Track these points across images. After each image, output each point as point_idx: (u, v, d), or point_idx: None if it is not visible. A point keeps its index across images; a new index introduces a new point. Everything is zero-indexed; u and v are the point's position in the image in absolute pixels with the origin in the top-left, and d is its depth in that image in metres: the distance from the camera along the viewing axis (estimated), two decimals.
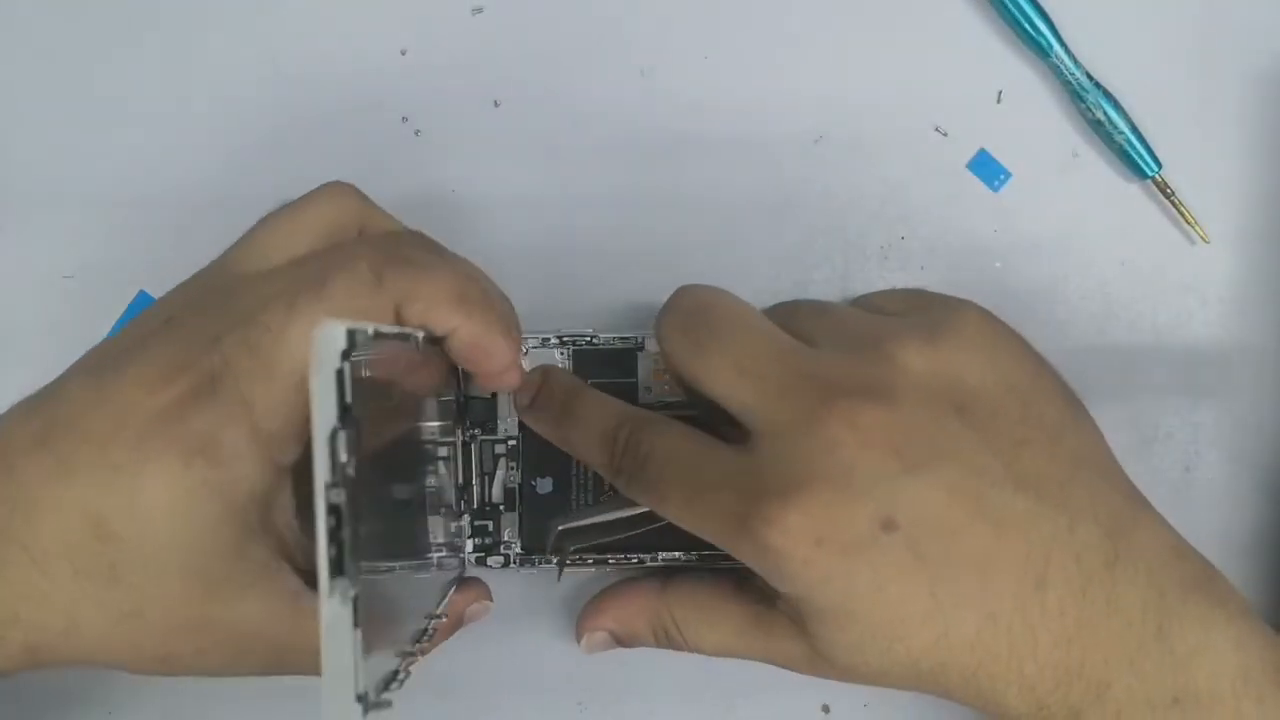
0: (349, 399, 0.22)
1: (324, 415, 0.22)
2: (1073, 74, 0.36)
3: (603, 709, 0.38)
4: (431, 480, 0.33)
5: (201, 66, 0.38)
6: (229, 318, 0.28)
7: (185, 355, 0.28)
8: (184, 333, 0.29)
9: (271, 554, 0.29)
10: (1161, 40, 0.38)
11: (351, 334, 0.23)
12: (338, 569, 0.22)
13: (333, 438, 0.22)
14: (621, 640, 0.35)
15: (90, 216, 0.38)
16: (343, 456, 0.22)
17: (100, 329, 0.31)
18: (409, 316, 0.29)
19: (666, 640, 0.34)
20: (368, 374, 0.24)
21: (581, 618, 0.36)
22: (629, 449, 0.30)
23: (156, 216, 0.37)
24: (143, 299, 0.37)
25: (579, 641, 0.35)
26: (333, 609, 0.22)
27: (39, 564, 0.27)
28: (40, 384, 0.30)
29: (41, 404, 0.29)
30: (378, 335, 0.25)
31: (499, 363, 0.31)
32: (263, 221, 0.32)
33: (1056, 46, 0.36)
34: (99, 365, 0.29)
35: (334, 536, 0.22)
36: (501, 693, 0.37)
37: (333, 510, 0.22)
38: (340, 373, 0.22)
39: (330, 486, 0.22)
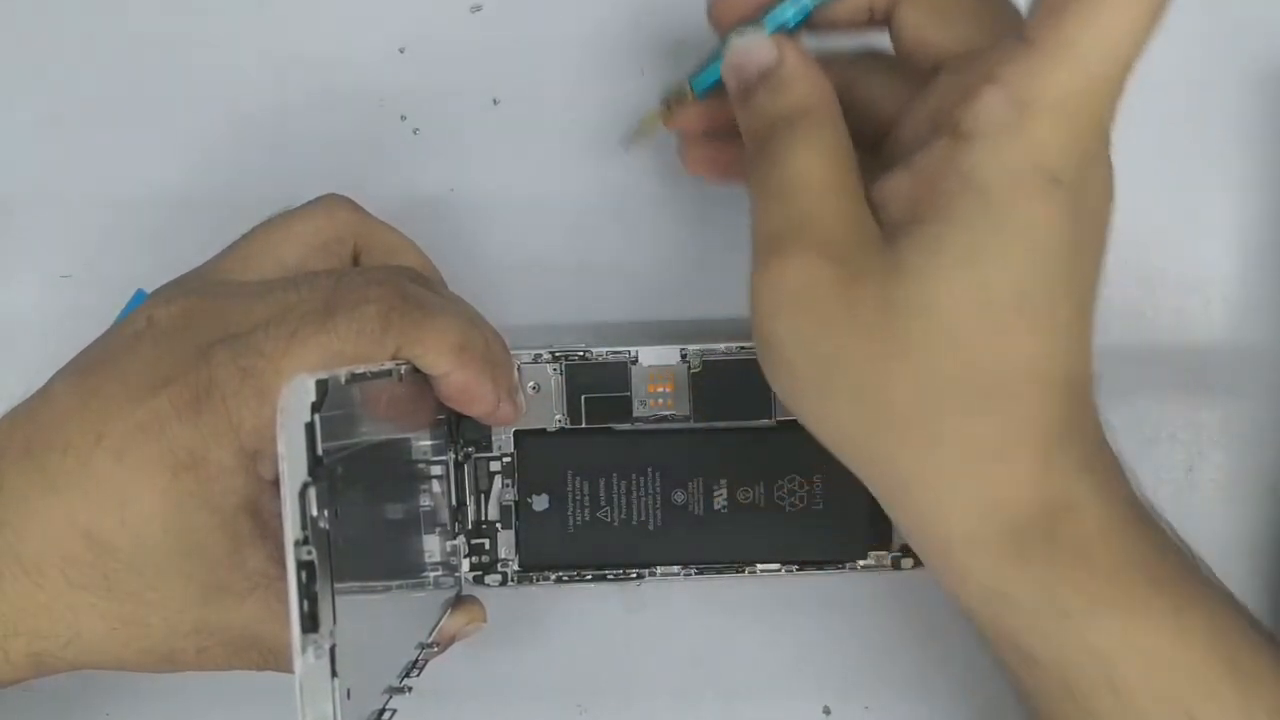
0: (320, 451, 0.22)
1: (293, 470, 0.22)
2: None
3: (603, 711, 0.37)
4: (425, 500, 0.33)
5: (201, 66, 0.38)
6: (219, 330, 0.28)
7: (172, 365, 0.28)
8: (172, 340, 0.29)
9: (269, 560, 0.29)
10: (1161, 40, 0.38)
11: (323, 385, 0.22)
12: (311, 625, 0.22)
13: (303, 493, 0.22)
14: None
15: (89, 216, 0.37)
16: (314, 511, 0.22)
17: (99, 329, 0.31)
18: (404, 357, 0.29)
19: None
20: (341, 411, 0.24)
21: None
22: None
23: (155, 216, 0.37)
24: (140, 298, 0.37)
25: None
26: (306, 664, 0.22)
27: (33, 576, 0.27)
28: (38, 384, 0.30)
29: (28, 413, 0.29)
30: (354, 378, 0.25)
31: (484, 408, 0.31)
32: (256, 230, 0.32)
33: None
34: (84, 372, 0.29)
35: (305, 591, 0.22)
36: (502, 696, 0.37)
37: (304, 566, 0.22)
38: (310, 426, 0.22)
39: (300, 544, 0.22)
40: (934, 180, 0.26)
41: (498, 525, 0.35)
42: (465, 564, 0.35)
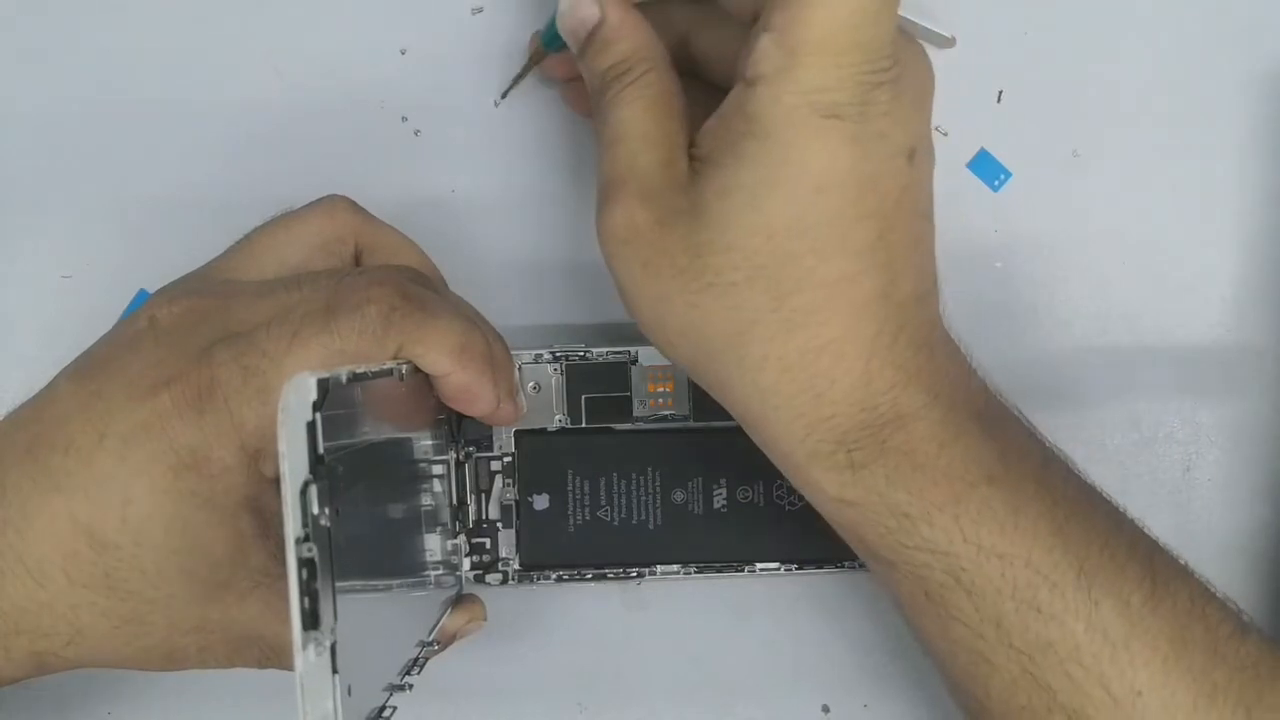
0: (321, 450, 0.22)
1: (294, 469, 0.22)
2: None
3: (603, 710, 0.38)
4: (426, 499, 0.33)
5: (201, 66, 0.38)
6: (221, 330, 0.28)
7: (174, 365, 0.28)
8: (174, 339, 0.29)
9: (270, 558, 0.29)
10: (1162, 40, 0.38)
11: (324, 384, 0.22)
12: (312, 622, 0.22)
13: (304, 491, 0.22)
14: None
15: (90, 216, 0.37)
16: (315, 509, 0.22)
17: (99, 329, 0.31)
18: (406, 356, 0.29)
19: None
20: (342, 410, 0.24)
21: None
22: None
23: (156, 216, 0.37)
24: (142, 299, 0.37)
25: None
26: (307, 661, 0.22)
27: (35, 575, 0.27)
28: (39, 384, 0.30)
29: (30, 413, 0.29)
30: (354, 378, 0.25)
31: (484, 408, 0.31)
32: (258, 230, 0.32)
33: None
34: (86, 371, 0.29)
35: (306, 589, 0.22)
36: (502, 694, 0.37)
37: (305, 564, 0.22)
38: (311, 424, 0.22)
39: (301, 541, 0.22)
40: (728, 122, 0.28)
41: (498, 524, 0.35)
42: (466, 563, 0.35)
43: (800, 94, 0.26)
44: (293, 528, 0.22)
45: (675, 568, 0.35)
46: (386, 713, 0.26)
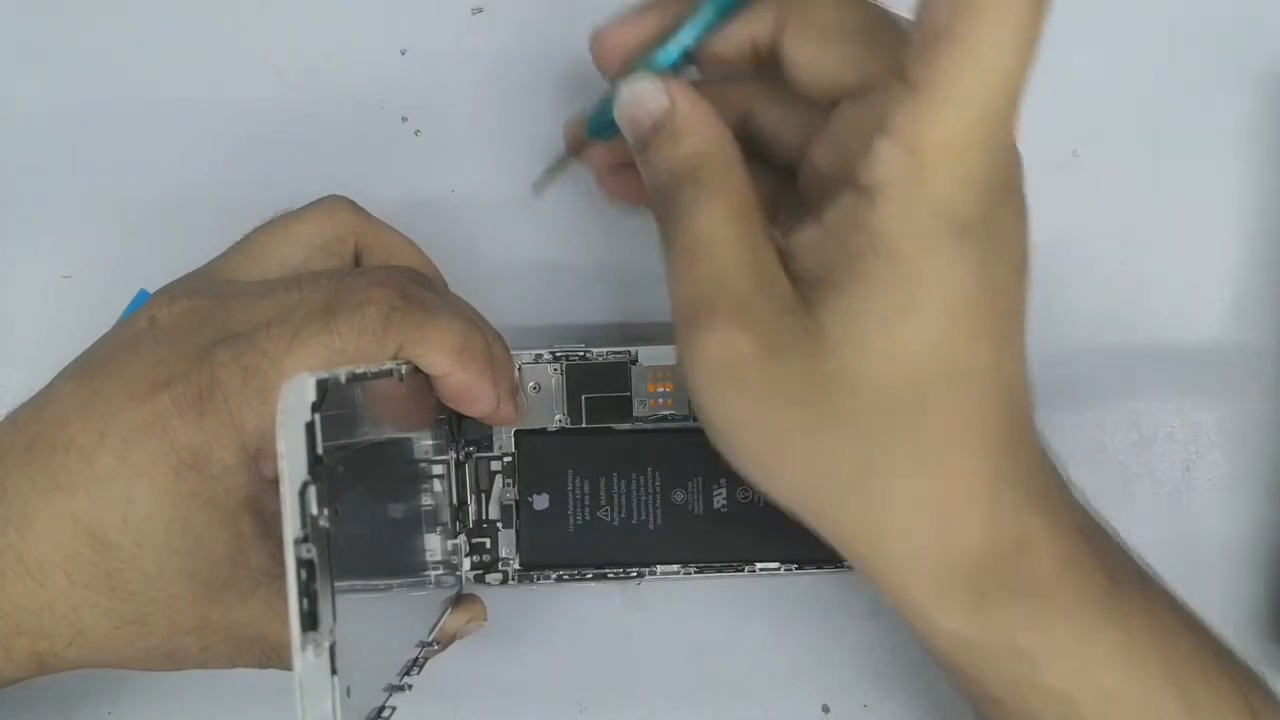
0: (320, 450, 0.22)
1: (293, 469, 0.22)
2: None
3: (603, 711, 0.38)
4: (426, 499, 0.33)
5: (201, 66, 0.38)
6: (221, 330, 0.28)
7: (174, 365, 0.28)
8: (174, 340, 0.29)
9: (271, 559, 0.29)
10: (1162, 40, 0.38)
11: (323, 384, 0.22)
12: (310, 622, 0.22)
13: (303, 492, 0.22)
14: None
15: (90, 216, 0.38)
16: (314, 510, 0.22)
17: (100, 329, 0.31)
18: (406, 357, 0.29)
19: None
20: (342, 410, 0.24)
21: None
22: None
23: (156, 216, 0.37)
24: (142, 299, 0.37)
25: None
26: (306, 662, 0.22)
27: (35, 575, 0.27)
28: (39, 384, 0.30)
29: (30, 413, 0.29)
30: (354, 378, 0.24)
31: (484, 408, 0.30)
32: (258, 230, 0.32)
33: None
34: (86, 371, 0.29)
35: (305, 590, 0.22)
36: (502, 694, 0.37)
37: (304, 565, 0.22)
38: (310, 425, 0.22)
39: (300, 542, 0.22)
40: (843, 237, 0.25)
41: (498, 524, 0.35)
42: (466, 563, 0.35)
43: (931, 207, 0.24)
44: (291, 528, 0.22)
45: (675, 568, 0.35)
46: (386, 713, 0.26)
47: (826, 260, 0.25)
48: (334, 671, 0.22)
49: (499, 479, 0.35)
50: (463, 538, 0.35)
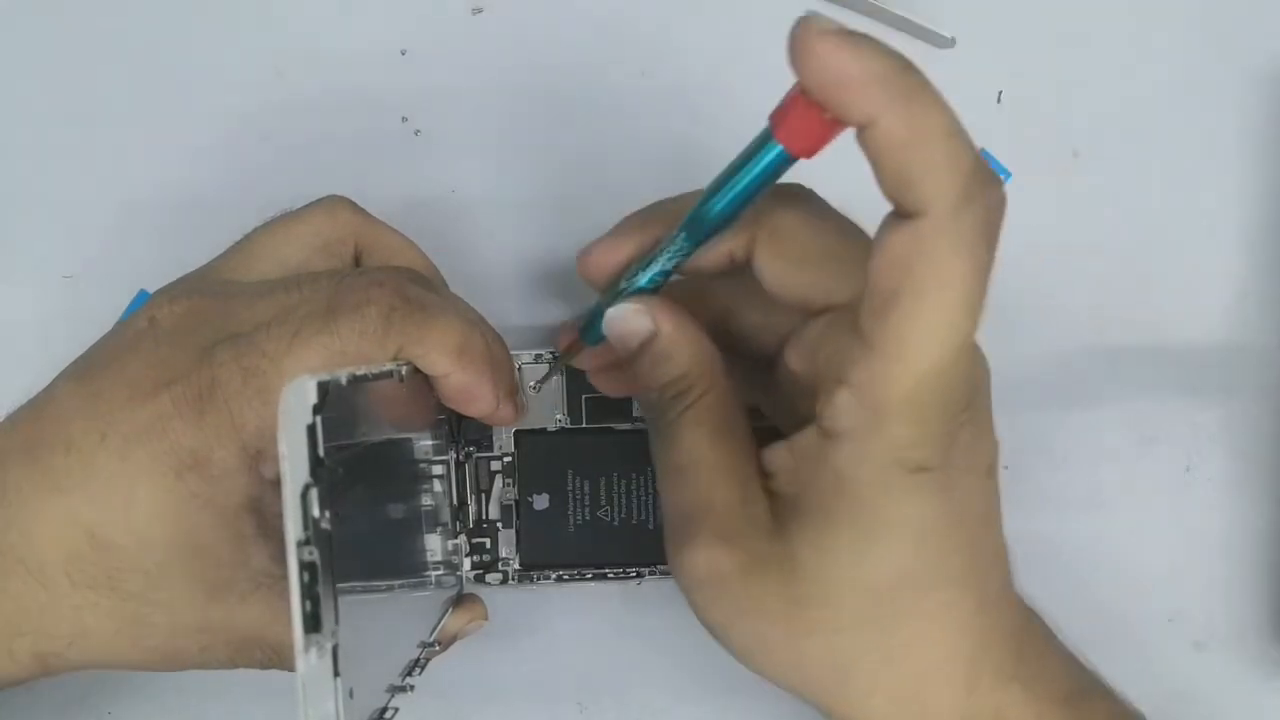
0: (321, 453, 0.22)
1: (295, 472, 0.22)
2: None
3: (603, 711, 0.38)
4: (427, 499, 0.33)
5: (201, 66, 0.38)
6: (221, 330, 0.28)
7: (174, 366, 0.28)
8: (174, 340, 0.29)
9: (272, 560, 0.29)
10: (1162, 40, 0.38)
11: (324, 386, 0.22)
12: (313, 625, 0.22)
13: (304, 494, 0.22)
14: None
15: (90, 216, 0.37)
16: (315, 512, 0.22)
17: (100, 329, 0.31)
18: (406, 357, 0.29)
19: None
20: (343, 412, 0.24)
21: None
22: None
23: (156, 216, 0.37)
24: (142, 299, 0.37)
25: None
26: (309, 664, 0.22)
27: (36, 576, 0.27)
28: (39, 385, 0.30)
29: (30, 414, 0.29)
30: (355, 379, 0.24)
31: (484, 408, 0.31)
32: (258, 230, 0.32)
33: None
34: (86, 372, 0.29)
35: (308, 592, 0.22)
36: (502, 694, 0.37)
37: (306, 567, 0.22)
38: (311, 427, 0.22)
39: (302, 544, 0.22)
40: (811, 468, 0.27)
41: (498, 524, 0.35)
42: (466, 563, 0.35)
43: (888, 453, 0.26)
44: (293, 531, 0.22)
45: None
46: (388, 714, 0.26)
47: (798, 485, 0.28)
48: (337, 673, 0.22)
49: (499, 479, 0.35)
50: (463, 538, 0.35)
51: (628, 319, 0.29)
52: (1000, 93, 0.38)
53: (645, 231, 0.30)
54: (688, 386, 0.29)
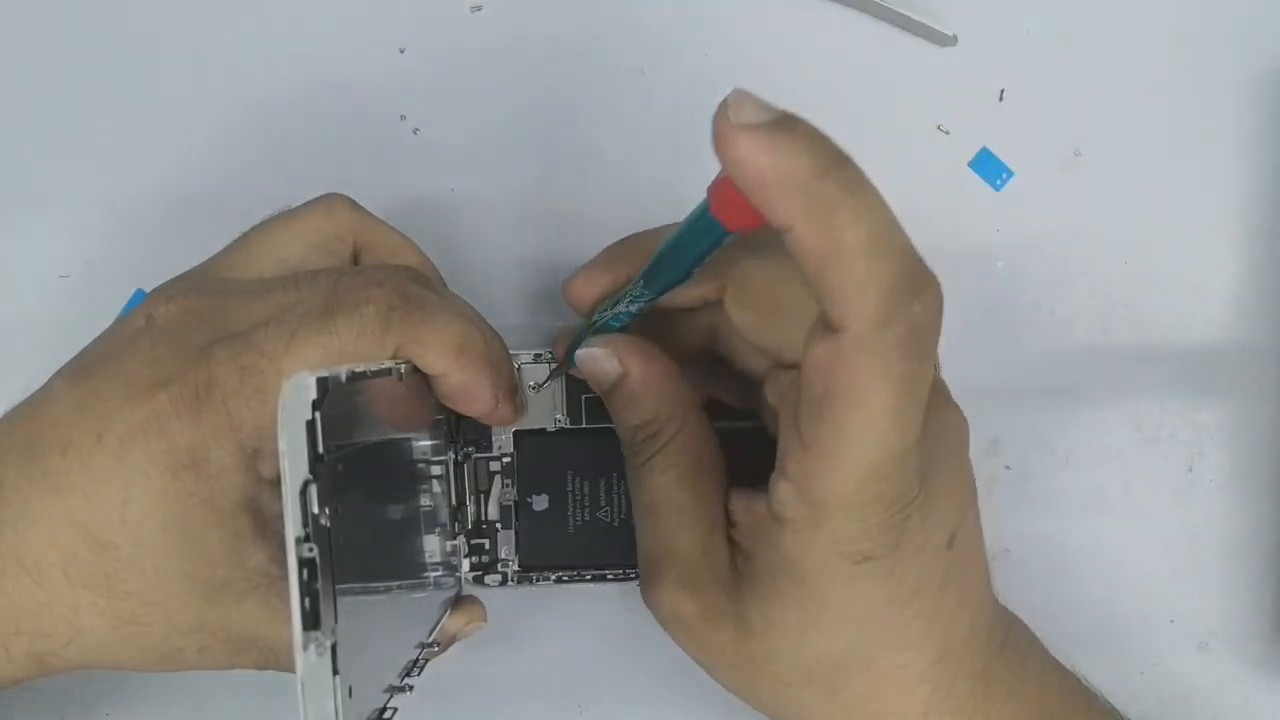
0: (321, 449, 0.22)
1: (295, 468, 0.22)
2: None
3: (603, 711, 0.37)
4: (425, 499, 0.33)
5: (200, 65, 0.38)
6: (219, 329, 0.28)
7: (171, 365, 0.28)
8: (171, 339, 0.29)
9: (269, 560, 0.28)
10: (1163, 40, 0.38)
11: (324, 383, 0.22)
12: (312, 622, 0.22)
13: (304, 490, 0.22)
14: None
15: (88, 216, 0.37)
16: (315, 508, 0.22)
17: (98, 329, 0.31)
18: (404, 356, 0.29)
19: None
20: (341, 410, 0.24)
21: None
22: None
23: (155, 216, 0.37)
24: (140, 299, 0.37)
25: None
26: (308, 662, 0.22)
27: (33, 576, 0.27)
28: (37, 384, 0.30)
29: (27, 413, 0.29)
30: (354, 377, 0.24)
31: (483, 408, 0.31)
32: (256, 228, 0.32)
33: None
34: (83, 371, 0.29)
35: (307, 589, 0.22)
36: (502, 694, 0.37)
37: (305, 564, 0.22)
38: (311, 423, 0.22)
39: (301, 541, 0.22)
40: (764, 539, 0.28)
41: (498, 525, 0.35)
42: (465, 564, 0.35)
43: (829, 544, 0.26)
44: (293, 527, 0.22)
45: None
46: (387, 714, 0.26)
47: (754, 544, 0.28)
48: (336, 671, 0.22)
49: (498, 479, 0.35)
50: (461, 538, 0.35)
51: (597, 359, 0.30)
52: (1002, 90, 0.38)
53: (616, 269, 0.31)
54: (657, 430, 0.30)
